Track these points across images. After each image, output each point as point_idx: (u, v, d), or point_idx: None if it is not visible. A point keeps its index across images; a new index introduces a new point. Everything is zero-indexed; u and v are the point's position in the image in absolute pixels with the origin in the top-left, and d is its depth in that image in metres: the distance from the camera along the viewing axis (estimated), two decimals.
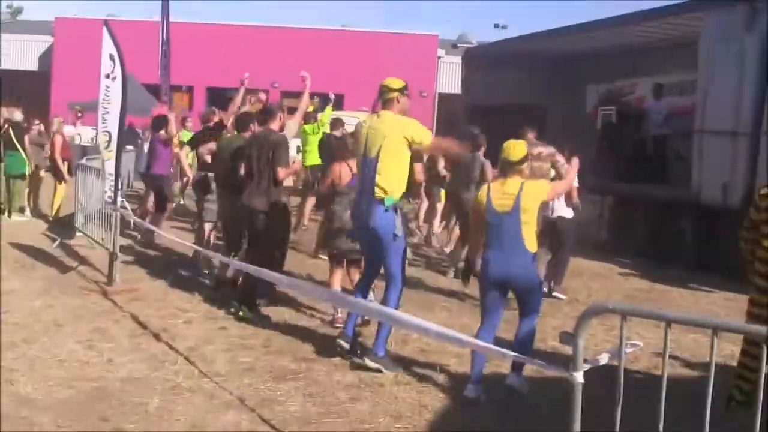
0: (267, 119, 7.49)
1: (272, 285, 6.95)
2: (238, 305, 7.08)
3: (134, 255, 9.84)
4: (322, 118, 12.57)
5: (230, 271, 8.09)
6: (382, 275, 5.97)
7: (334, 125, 11.40)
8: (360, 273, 6.61)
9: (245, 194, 7.29)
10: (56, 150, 12.80)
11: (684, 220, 11.33)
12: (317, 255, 10.20)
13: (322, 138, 11.42)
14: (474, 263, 5.56)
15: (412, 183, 7.32)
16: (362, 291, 6.12)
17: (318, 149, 11.40)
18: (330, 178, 7.25)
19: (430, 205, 12.25)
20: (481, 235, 5.42)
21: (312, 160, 12.06)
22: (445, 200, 11.47)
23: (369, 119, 5.99)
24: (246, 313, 6.98)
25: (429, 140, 5.81)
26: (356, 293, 6.11)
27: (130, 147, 15.92)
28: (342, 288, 7.06)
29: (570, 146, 8.83)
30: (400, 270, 5.80)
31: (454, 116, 14.64)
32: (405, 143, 5.66)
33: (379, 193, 5.63)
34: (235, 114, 9.01)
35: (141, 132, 17.71)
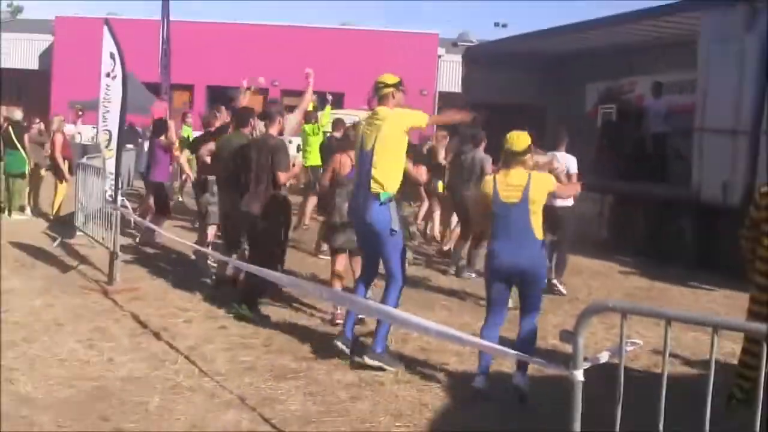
0: (266, 124, 7.48)
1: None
2: (238, 305, 7.08)
3: (135, 254, 9.84)
4: (322, 119, 12.57)
5: (230, 270, 8.09)
6: (382, 274, 5.97)
7: (336, 126, 11.36)
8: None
9: (245, 199, 7.28)
10: (57, 149, 12.79)
11: (684, 219, 11.33)
12: (318, 254, 10.20)
13: (324, 141, 11.43)
14: (474, 255, 5.53)
15: (414, 185, 7.33)
16: (363, 286, 6.12)
17: (319, 151, 11.41)
18: (331, 167, 7.26)
19: (431, 205, 12.26)
20: (488, 226, 5.40)
21: (312, 161, 12.06)
22: (445, 199, 11.46)
23: (366, 116, 6.08)
24: (246, 312, 6.98)
25: (425, 121, 5.89)
26: (358, 288, 6.12)
27: (131, 146, 15.92)
28: (343, 287, 7.07)
29: (561, 137, 8.89)
30: (400, 267, 5.81)
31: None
32: (402, 133, 5.73)
33: (375, 187, 5.68)
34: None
35: (141, 131, 17.71)
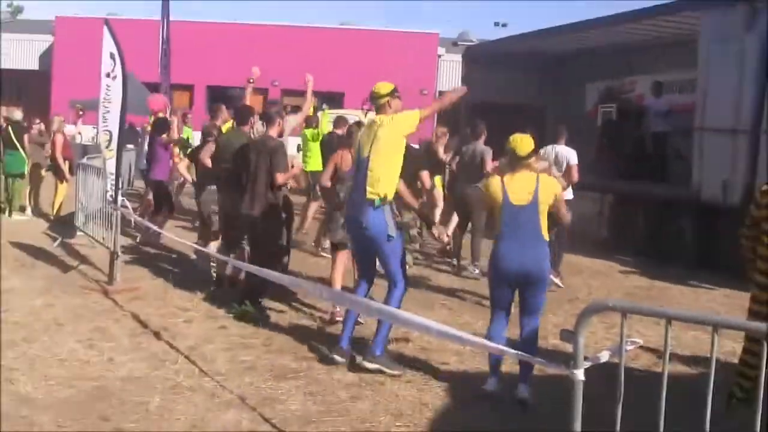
0: (267, 125, 7.47)
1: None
2: (238, 305, 7.08)
3: (135, 254, 9.84)
4: (321, 127, 12.57)
5: (229, 269, 8.09)
6: (383, 273, 5.98)
7: (338, 124, 11.34)
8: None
9: (245, 200, 7.27)
10: (57, 149, 12.79)
11: (684, 218, 11.33)
12: (318, 249, 10.28)
13: (324, 137, 11.40)
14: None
15: (422, 189, 7.32)
16: (364, 287, 6.10)
17: (320, 147, 11.39)
18: (333, 163, 7.26)
19: (431, 202, 12.23)
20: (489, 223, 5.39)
21: (313, 166, 12.02)
22: (445, 198, 11.47)
23: (366, 124, 6.09)
24: (250, 308, 6.98)
25: (418, 118, 5.76)
26: (358, 289, 6.09)
27: (131, 146, 15.91)
28: (343, 287, 7.06)
29: (560, 131, 8.88)
30: (400, 271, 5.81)
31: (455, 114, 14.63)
32: (399, 138, 5.73)
33: (371, 194, 5.67)
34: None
35: (141, 130, 17.69)
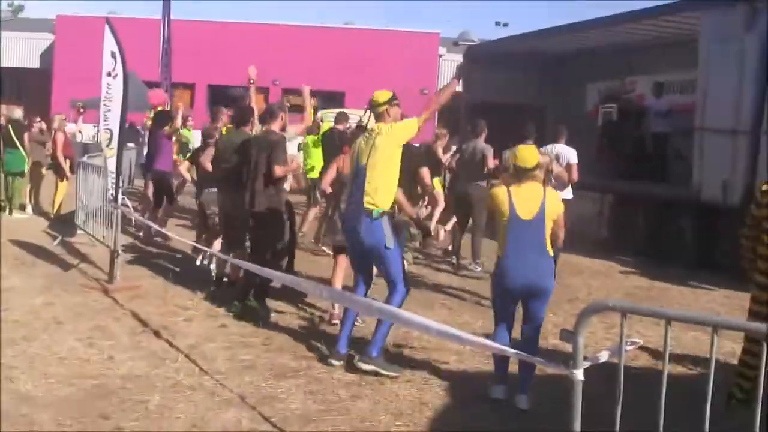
0: (268, 120, 7.48)
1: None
2: (239, 302, 7.09)
3: (135, 253, 9.84)
4: (322, 130, 12.57)
5: (228, 267, 8.09)
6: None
7: (339, 119, 11.36)
8: None
9: (247, 197, 7.26)
10: (58, 148, 12.79)
11: (684, 219, 11.33)
12: (319, 244, 10.32)
13: (326, 132, 11.38)
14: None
15: (422, 187, 7.31)
16: (362, 288, 6.08)
17: (321, 143, 11.37)
18: (335, 167, 7.27)
19: (431, 203, 12.22)
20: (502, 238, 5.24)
21: (315, 174, 11.97)
22: (445, 198, 11.47)
23: (364, 134, 6.03)
24: (254, 304, 7.00)
25: (416, 126, 5.78)
26: (356, 291, 6.09)
27: (132, 145, 15.91)
28: (343, 287, 7.07)
29: (560, 131, 8.88)
30: (401, 276, 5.80)
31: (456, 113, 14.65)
32: (396, 148, 5.72)
33: (368, 204, 5.67)
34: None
35: (141, 129, 17.69)
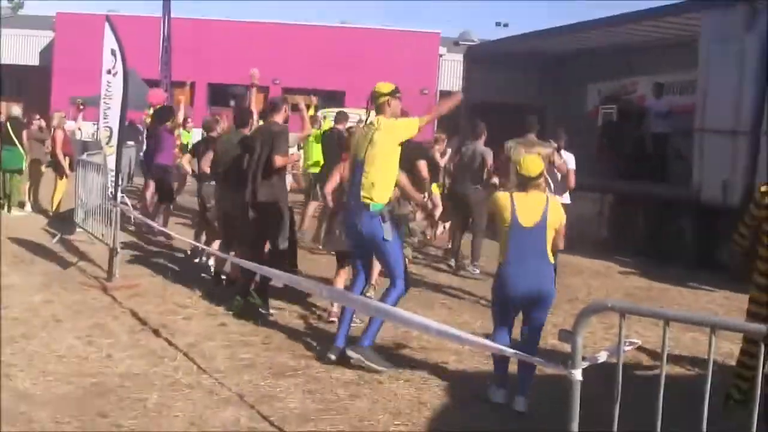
0: (271, 112, 7.50)
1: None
2: (241, 297, 7.12)
3: (134, 251, 9.84)
4: (324, 127, 12.57)
5: (228, 266, 8.09)
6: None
7: (339, 119, 11.39)
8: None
9: (249, 188, 7.23)
10: (57, 145, 12.78)
11: (684, 219, 11.34)
12: (317, 245, 10.33)
13: (326, 132, 11.41)
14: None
15: (419, 179, 7.32)
16: (359, 287, 6.11)
17: (321, 143, 11.39)
18: (337, 174, 7.28)
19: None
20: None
21: (316, 168, 11.98)
22: (444, 198, 11.48)
23: (364, 126, 6.07)
24: (257, 301, 7.02)
25: (416, 127, 5.82)
26: (352, 290, 6.11)
27: (131, 143, 15.90)
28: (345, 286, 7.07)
29: (559, 131, 8.91)
30: (400, 272, 5.81)
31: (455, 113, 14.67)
32: (394, 145, 5.73)
33: (366, 198, 5.70)
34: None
35: (141, 127, 17.69)
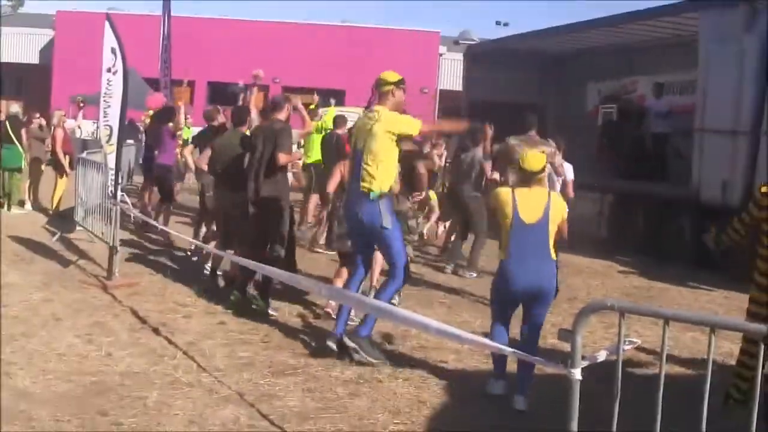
0: (274, 110, 7.50)
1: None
2: (239, 293, 7.13)
3: (134, 249, 9.84)
4: (326, 118, 12.53)
5: (226, 265, 8.08)
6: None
7: (338, 123, 11.34)
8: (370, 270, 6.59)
9: (251, 186, 7.22)
10: (57, 144, 12.77)
11: (684, 219, 11.35)
12: (314, 248, 10.32)
13: (325, 136, 11.43)
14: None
15: (416, 177, 7.34)
16: (355, 283, 6.15)
17: (321, 147, 11.39)
18: (338, 172, 7.28)
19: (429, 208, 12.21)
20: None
21: (314, 158, 11.99)
22: (443, 200, 11.50)
23: (364, 114, 6.13)
24: (260, 303, 7.03)
25: (417, 129, 5.87)
26: (350, 285, 6.16)
27: (131, 141, 15.92)
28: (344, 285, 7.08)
29: (558, 139, 8.92)
30: (399, 264, 5.83)
31: (455, 112, 14.68)
32: (392, 139, 5.75)
33: (365, 186, 5.74)
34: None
35: (141, 126, 17.70)
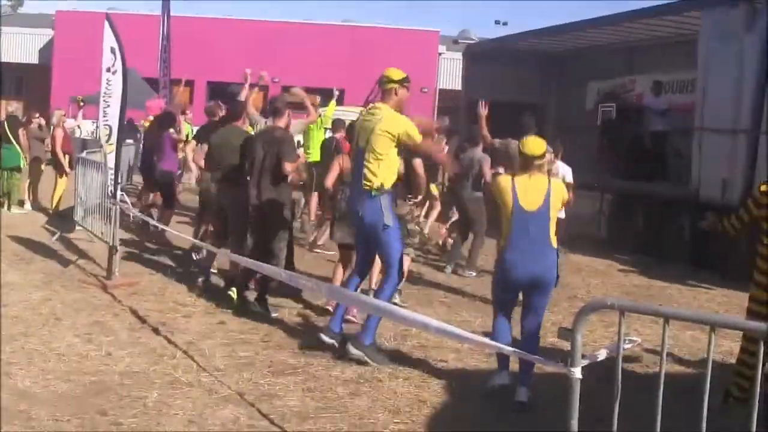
0: (274, 116, 7.48)
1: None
2: (237, 289, 7.14)
3: (134, 249, 9.84)
4: (327, 113, 12.48)
5: (225, 263, 8.08)
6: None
7: (336, 127, 11.16)
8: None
9: (253, 192, 7.22)
10: (57, 143, 12.77)
11: (683, 217, 11.34)
12: (313, 249, 10.32)
13: (324, 141, 11.43)
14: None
15: (415, 178, 7.35)
16: (355, 280, 6.16)
17: (320, 152, 11.37)
18: (336, 166, 7.28)
19: (429, 203, 12.22)
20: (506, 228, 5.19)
21: (314, 157, 11.98)
22: (443, 197, 11.49)
23: (365, 111, 6.10)
24: (257, 308, 7.03)
25: (418, 142, 5.82)
26: (349, 282, 6.18)
27: (130, 141, 15.91)
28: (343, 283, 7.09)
29: (556, 144, 8.91)
30: (395, 263, 5.84)
31: (454, 112, 14.69)
32: (392, 140, 5.72)
33: (367, 183, 5.74)
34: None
35: (140, 126, 17.69)
